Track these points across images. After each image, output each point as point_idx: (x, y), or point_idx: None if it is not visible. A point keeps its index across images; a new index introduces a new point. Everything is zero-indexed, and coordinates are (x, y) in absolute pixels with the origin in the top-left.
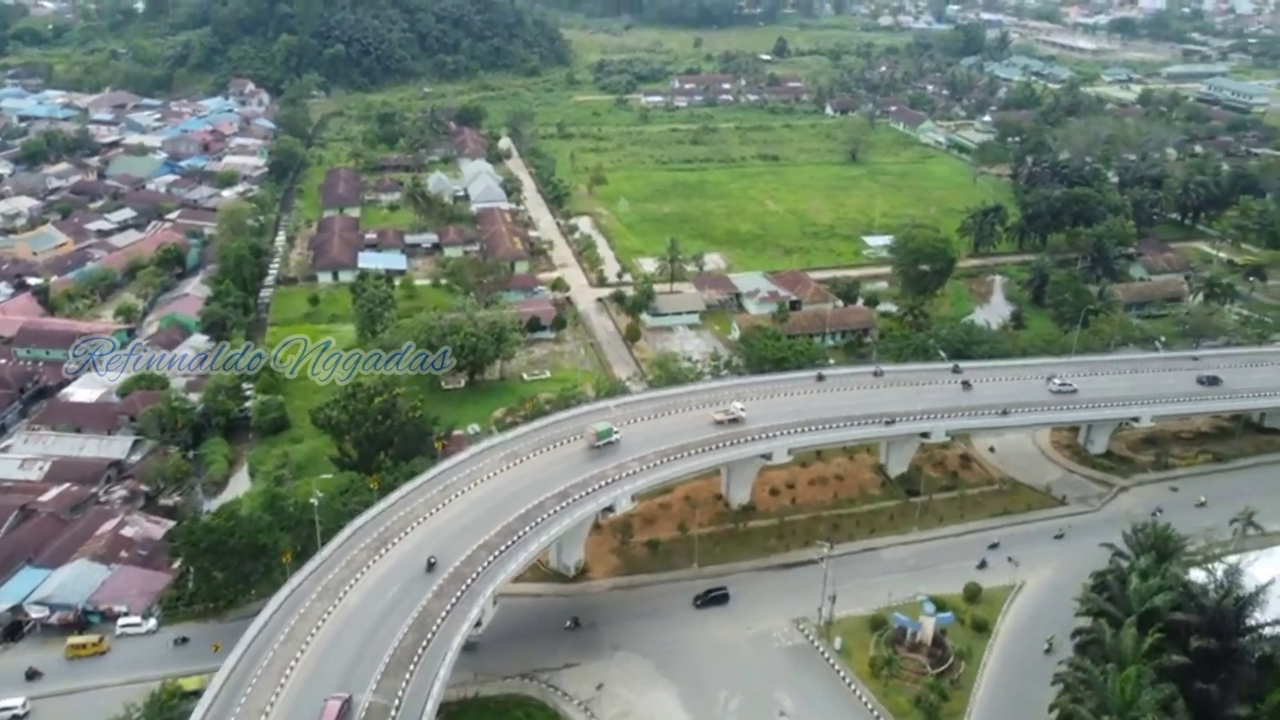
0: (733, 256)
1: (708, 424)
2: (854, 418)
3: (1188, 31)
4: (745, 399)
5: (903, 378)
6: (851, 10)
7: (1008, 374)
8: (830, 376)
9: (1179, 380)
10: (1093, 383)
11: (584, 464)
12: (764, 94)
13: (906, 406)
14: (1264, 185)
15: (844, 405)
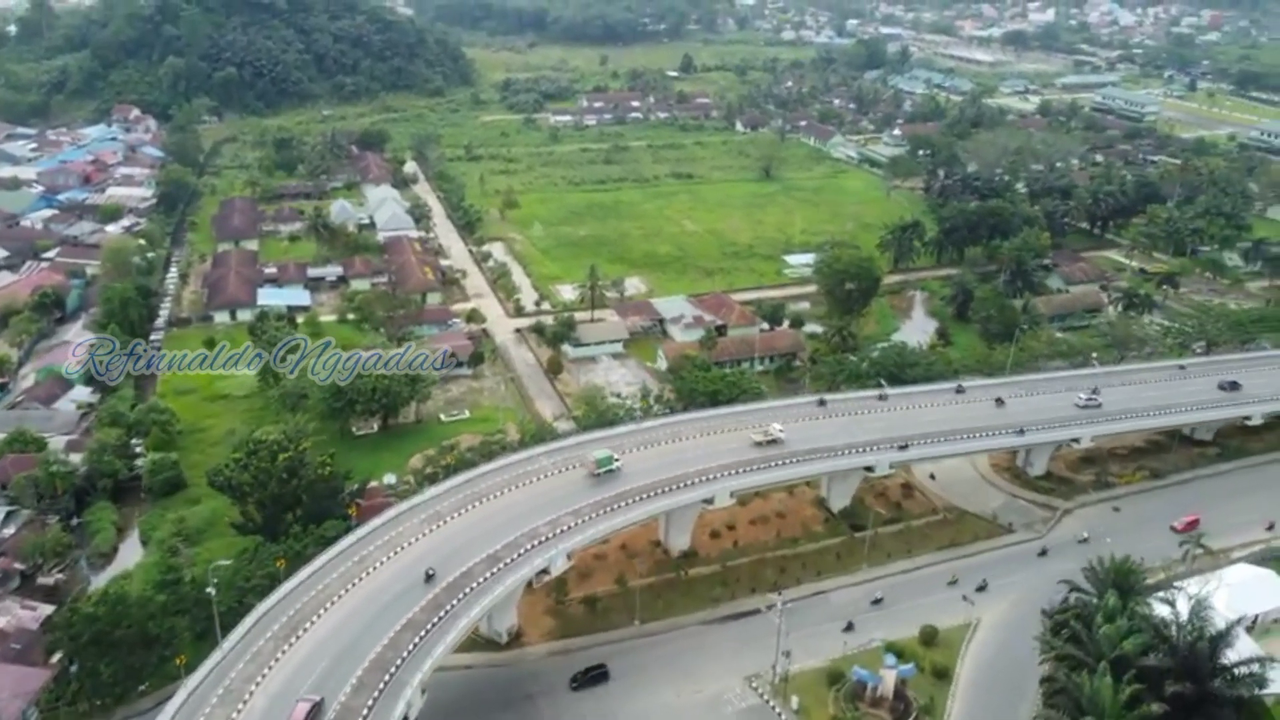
0: (653, 280)
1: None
2: (797, 454)
3: (1077, 43)
4: (682, 438)
5: (842, 407)
6: (754, 26)
7: (951, 396)
8: (772, 408)
9: (1125, 396)
10: (1029, 403)
11: (513, 522)
12: (674, 111)
13: (849, 438)
14: (1165, 193)
15: (788, 440)
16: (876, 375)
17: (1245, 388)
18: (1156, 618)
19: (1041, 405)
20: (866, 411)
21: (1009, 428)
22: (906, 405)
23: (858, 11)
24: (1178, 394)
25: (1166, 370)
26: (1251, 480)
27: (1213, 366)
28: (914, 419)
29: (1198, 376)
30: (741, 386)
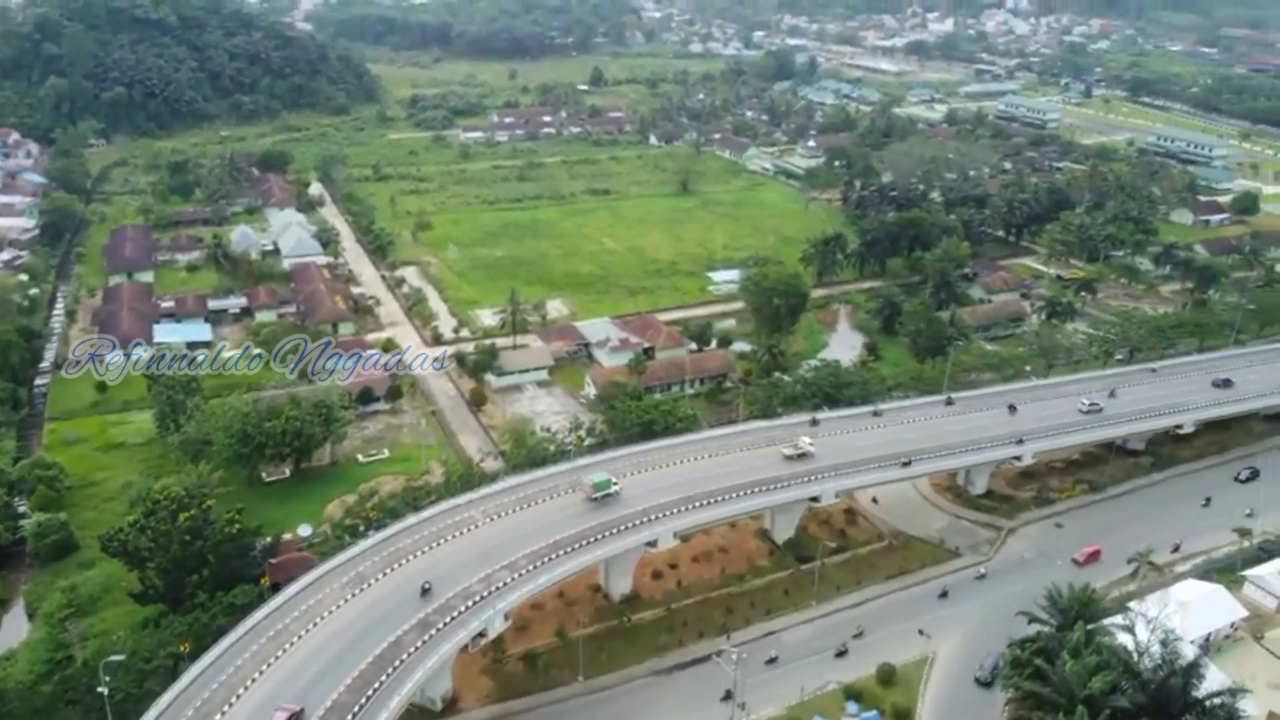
0: (575, 301)
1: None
2: (740, 486)
3: (976, 52)
4: (621, 474)
5: (783, 433)
6: (662, 39)
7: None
8: (710, 438)
9: (1064, 409)
10: (968, 420)
11: (444, 581)
12: (586, 126)
13: (792, 468)
14: (1075, 199)
15: (729, 473)
16: (812, 397)
17: (1174, 395)
18: (1121, 647)
19: (982, 422)
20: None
21: (964, 445)
22: (842, 429)
23: (763, 23)
24: (1114, 403)
25: (1101, 380)
26: (1184, 489)
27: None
28: (851, 444)
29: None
30: (677, 415)
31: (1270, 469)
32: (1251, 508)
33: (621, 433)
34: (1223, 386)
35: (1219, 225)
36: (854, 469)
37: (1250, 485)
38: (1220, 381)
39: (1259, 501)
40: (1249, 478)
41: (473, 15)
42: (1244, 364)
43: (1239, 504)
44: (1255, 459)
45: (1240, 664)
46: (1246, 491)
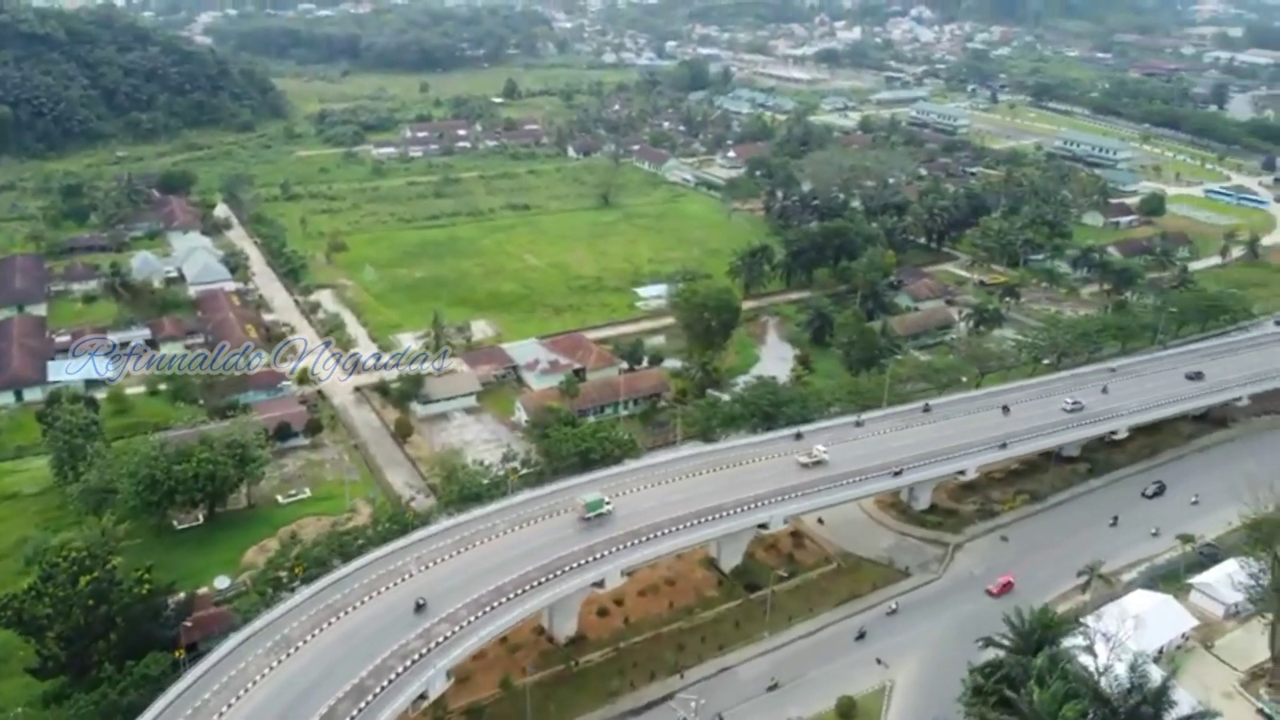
0: (500, 322)
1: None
2: (685, 517)
3: (885, 59)
4: (557, 511)
5: (724, 456)
6: (575, 49)
7: (835, 434)
8: (644, 467)
9: (998, 419)
10: (909, 436)
11: (381, 639)
12: (503, 139)
13: (738, 494)
14: (991, 204)
15: (671, 501)
16: (751, 416)
17: (1111, 400)
18: (1089, 674)
19: (924, 437)
20: (755, 460)
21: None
22: (782, 450)
23: (675, 33)
24: (1046, 413)
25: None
26: (1120, 495)
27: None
28: (788, 466)
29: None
30: (614, 442)
31: (1175, 482)
32: (1157, 526)
33: (558, 462)
34: (1195, 379)
35: (1128, 227)
36: (805, 490)
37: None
38: (1193, 374)
39: (1165, 518)
40: (1156, 493)
41: (381, 27)
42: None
43: (1146, 521)
44: (1164, 468)
45: (1195, 675)
46: (1154, 507)
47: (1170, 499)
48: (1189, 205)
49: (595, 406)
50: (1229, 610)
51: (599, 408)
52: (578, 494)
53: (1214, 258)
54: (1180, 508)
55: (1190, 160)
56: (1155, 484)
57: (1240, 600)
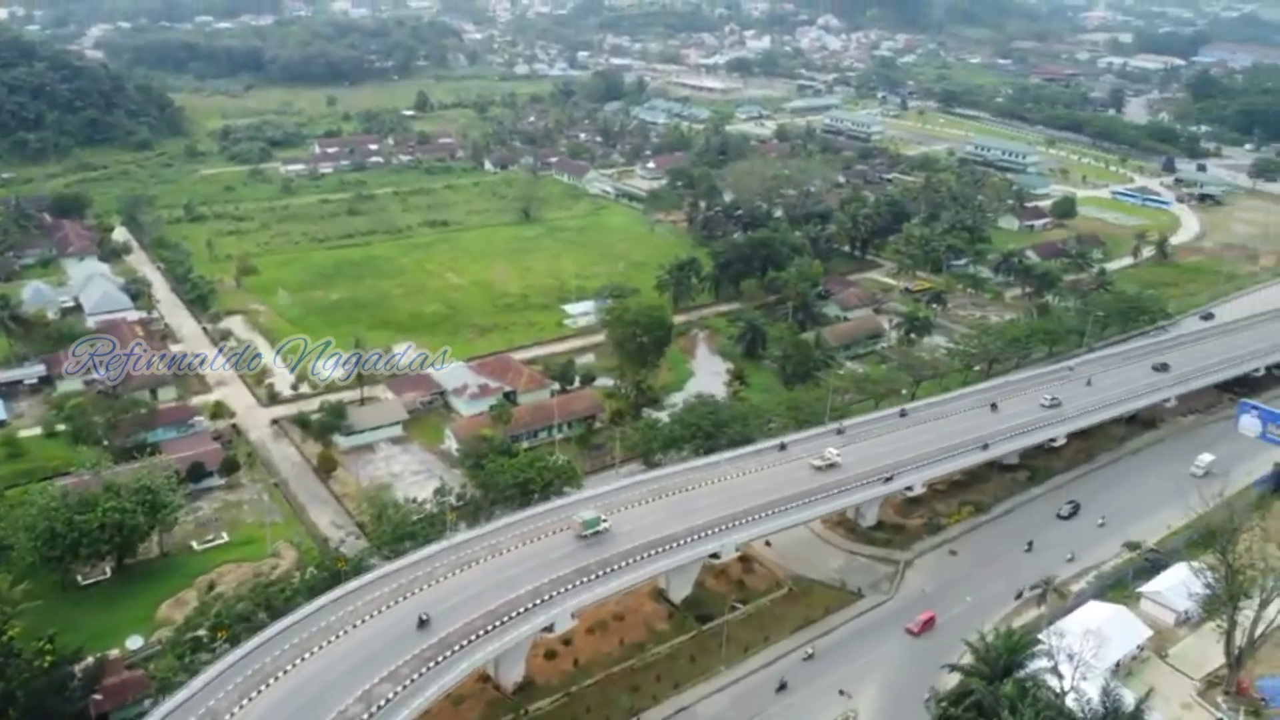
0: (424, 344)
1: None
2: (635, 551)
3: (796, 68)
4: (498, 551)
5: (673, 482)
6: (486, 61)
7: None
8: (589, 498)
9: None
10: (854, 452)
11: (313, 707)
12: (417, 153)
13: (687, 522)
14: (911, 211)
15: (621, 533)
16: (693, 438)
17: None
18: (1062, 703)
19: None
20: (698, 485)
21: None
22: (737, 472)
23: (586, 44)
24: (988, 420)
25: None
26: (1059, 502)
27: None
28: (743, 488)
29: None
30: (554, 470)
31: (1089, 501)
32: (1072, 551)
33: (496, 494)
34: (1161, 370)
35: (1042, 229)
36: (759, 513)
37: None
38: (1159, 366)
39: (1079, 540)
40: (1071, 513)
41: (284, 40)
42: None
43: (1061, 544)
44: (1086, 478)
45: (1152, 685)
46: (1069, 529)
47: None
48: (1097, 207)
49: (529, 431)
50: (1180, 617)
51: (532, 432)
52: (518, 529)
53: (1126, 258)
54: (1091, 528)
55: (1094, 163)
56: (1069, 504)
57: (1191, 606)
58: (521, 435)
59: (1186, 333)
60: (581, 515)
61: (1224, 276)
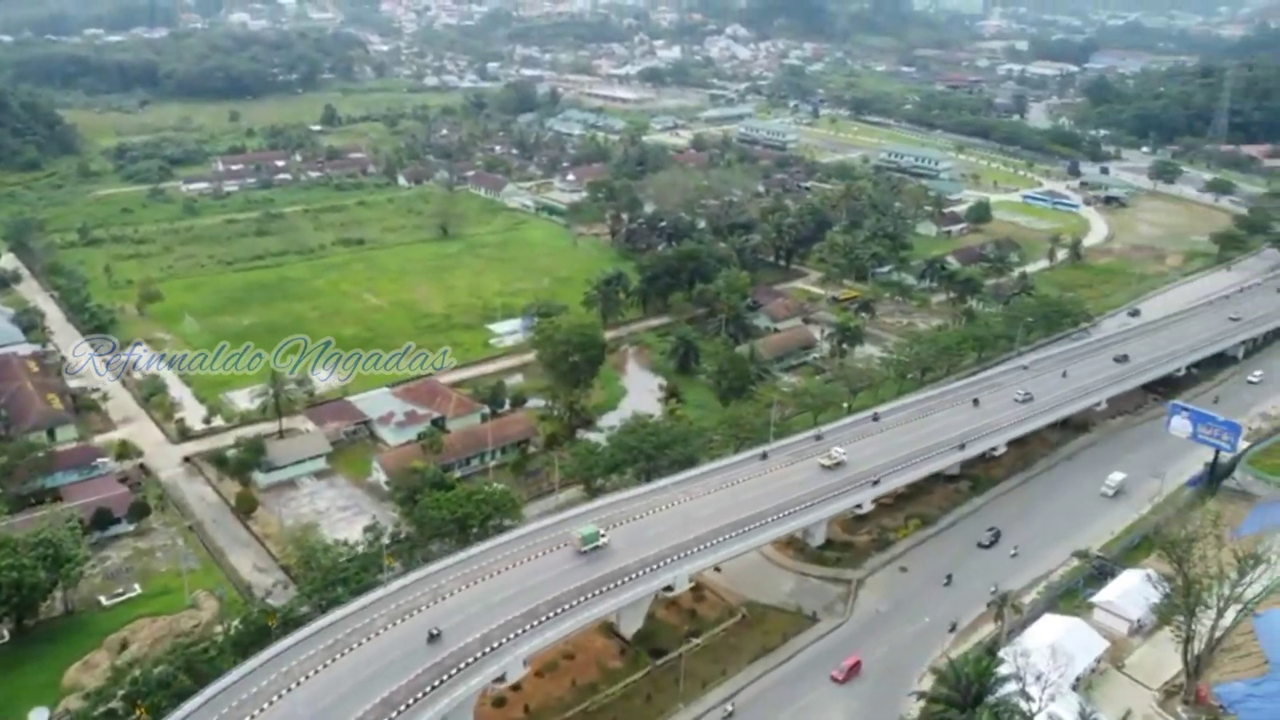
0: (346, 370)
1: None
2: (584, 589)
3: (707, 77)
4: (446, 593)
5: (621, 510)
6: (394, 73)
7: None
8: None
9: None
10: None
11: None
12: (326, 169)
13: (637, 554)
14: (832, 219)
15: (569, 570)
16: (635, 461)
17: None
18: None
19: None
20: (644, 514)
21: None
22: (685, 496)
23: (496, 55)
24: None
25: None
26: (1006, 511)
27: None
28: (691, 513)
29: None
30: (493, 503)
31: (1010, 527)
32: (996, 583)
33: (432, 531)
34: (1122, 361)
35: (960, 235)
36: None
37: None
38: (1120, 357)
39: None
40: (992, 542)
41: (181, 53)
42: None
43: (983, 575)
44: (1036, 479)
45: (1112, 698)
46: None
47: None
48: (1009, 211)
49: (461, 459)
50: (1133, 626)
51: (465, 459)
52: (459, 571)
53: (1042, 261)
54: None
55: (1003, 168)
56: (990, 531)
57: (1144, 614)
58: (453, 464)
59: (1112, 334)
60: (580, 530)
61: (1135, 277)
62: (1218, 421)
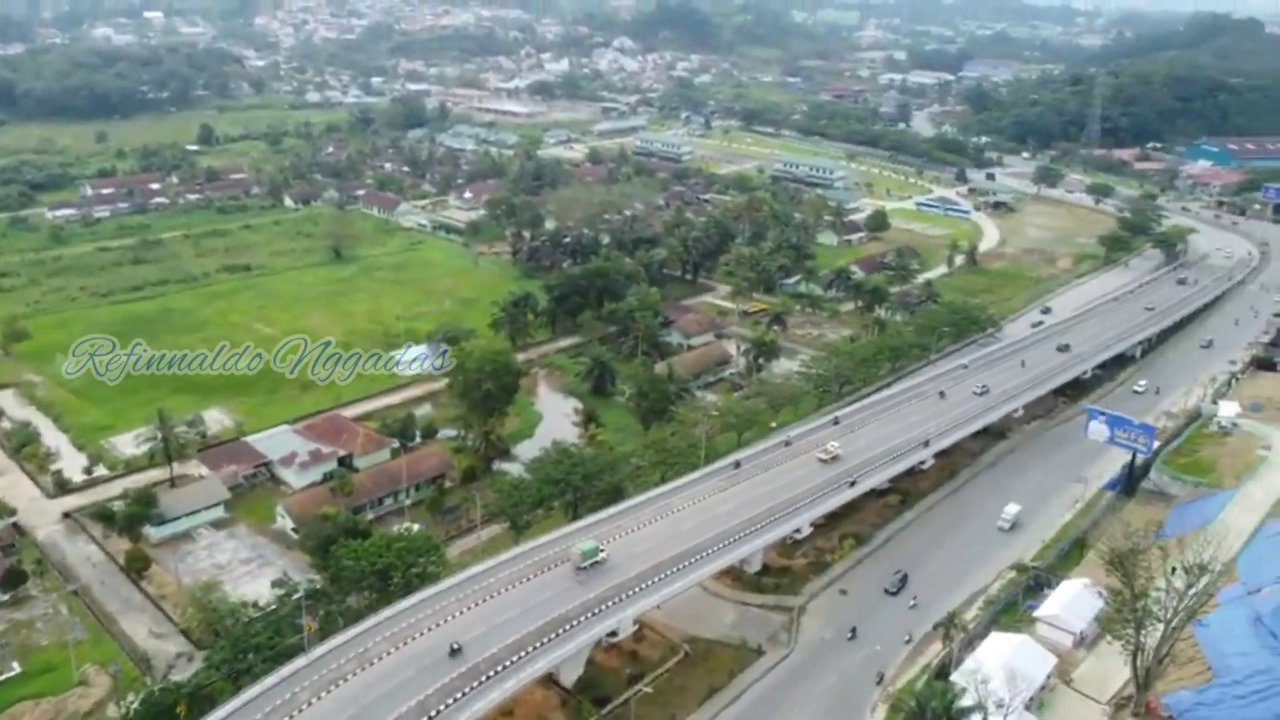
0: (239, 408)
1: None
2: (522, 643)
3: (597, 90)
4: (368, 661)
5: (554, 552)
6: (273, 89)
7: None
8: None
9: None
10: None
11: None
12: (206, 192)
13: (577, 598)
14: (735, 231)
15: (505, 621)
16: (562, 494)
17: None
18: None
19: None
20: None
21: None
22: (620, 531)
23: (380, 69)
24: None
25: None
26: (937, 525)
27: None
28: (628, 548)
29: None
30: (416, 550)
31: (919, 571)
32: (910, 633)
33: (350, 586)
34: (1064, 351)
35: (860, 243)
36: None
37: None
38: (1062, 346)
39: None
40: (899, 589)
41: (39, 70)
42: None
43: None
44: (962, 490)
45: (1066, 716)
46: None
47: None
48: (904, 218)
49: (373, 499)
50: (1077, 639)
51: (377, 499)
52: (386, 631)
53: (941, 268)
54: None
55: (894, 175)
56: (897, 575)
57: (1086, 626)
58: (365, 505)
59: (1018, 338)
60: (579, 545)
61: (1031, 280)
62: (1133, 425)
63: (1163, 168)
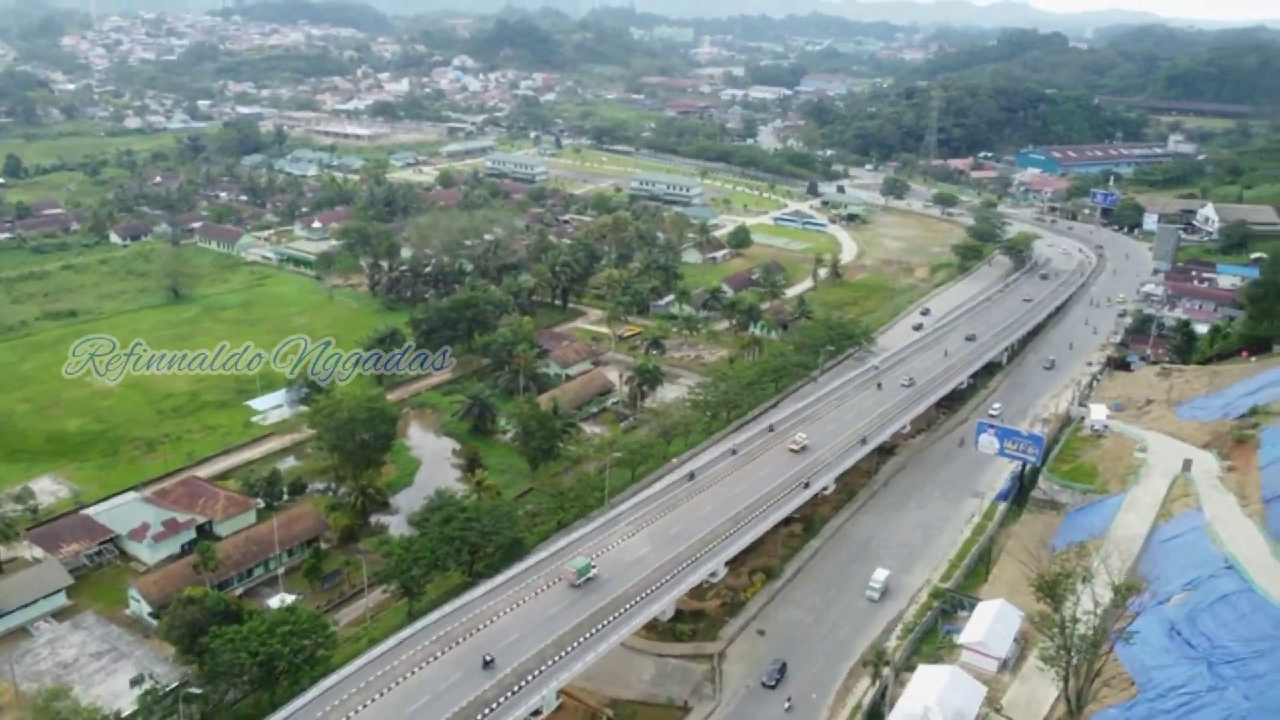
0: (74, 475)
1: None
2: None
3: (441, 110)
4: None
5: (460, 624)
6: (87, 114)
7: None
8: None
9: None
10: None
11: None
12: (17, 230)
13: (491, 676)
14: (599, 253)
15: (414, 709)
16: (458, 553)
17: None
18: None
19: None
20: (489, 621)
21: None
22: (530, 593)
23: (206, 92)
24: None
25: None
26: (845, 553)
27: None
28: (540, 612)
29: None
30: (303, 633)
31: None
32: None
33: (229, 682)
34: (971, 340)
35: (724, 261)
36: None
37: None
38: (969, 336)
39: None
40: (777, 681)
41: None
42: None
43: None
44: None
45: None
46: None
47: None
48: (765, 234)
49: (241, 570)
50: (1000, 664)
51: (246, 571)
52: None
53: (806, 282)
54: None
55: (747, 191)
56: (776, 664)
57: (1009, 651)
58: (232, 579)
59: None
60: (573, 563)
61: (893, 291)
62: (1021, 436)
63: (996, 176)
